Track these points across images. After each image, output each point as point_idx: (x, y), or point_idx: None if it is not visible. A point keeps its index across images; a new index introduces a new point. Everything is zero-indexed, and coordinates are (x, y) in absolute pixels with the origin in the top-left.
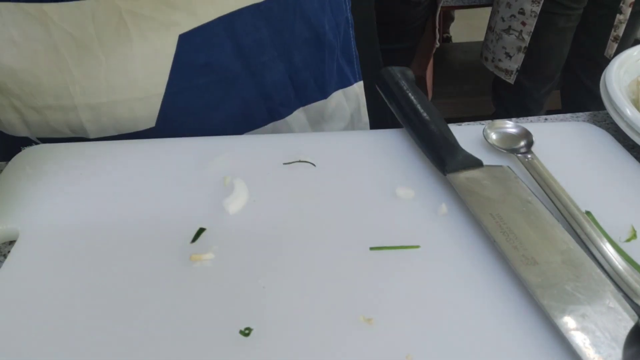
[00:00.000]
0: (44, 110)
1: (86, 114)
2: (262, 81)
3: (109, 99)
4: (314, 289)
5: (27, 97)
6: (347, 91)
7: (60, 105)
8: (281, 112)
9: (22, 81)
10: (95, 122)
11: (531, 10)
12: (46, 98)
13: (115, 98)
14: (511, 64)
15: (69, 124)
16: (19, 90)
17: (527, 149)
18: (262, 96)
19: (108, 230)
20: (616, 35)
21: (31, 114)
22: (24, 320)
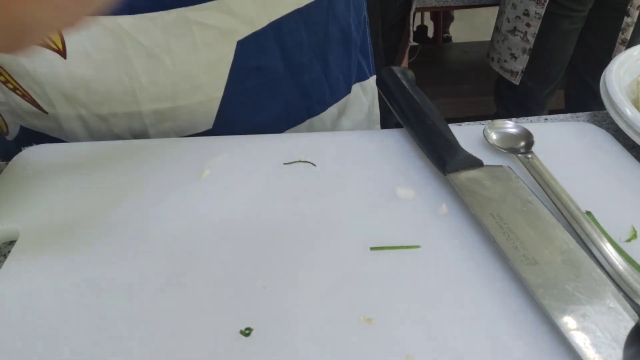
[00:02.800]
0: (110, 117)
1: (150, 119)
2: (301, 81)
3: (173, 104)
4: (314, 289)
5: (94, 105)
6: (364, 84)
7: (126, 112)
8: (317, 110)
9: (92, 91)
10: (158, 126)
11: (535, 12)
12: (113, 106)
13: (179, 103)
14: (516, 65)
15: (132, 130)
16: (88, 99)
17: (527, 149)
18: (301, 95)
19: (108, 230)
20: (624, 38)
21: (96, 122)
22: (24, 320)
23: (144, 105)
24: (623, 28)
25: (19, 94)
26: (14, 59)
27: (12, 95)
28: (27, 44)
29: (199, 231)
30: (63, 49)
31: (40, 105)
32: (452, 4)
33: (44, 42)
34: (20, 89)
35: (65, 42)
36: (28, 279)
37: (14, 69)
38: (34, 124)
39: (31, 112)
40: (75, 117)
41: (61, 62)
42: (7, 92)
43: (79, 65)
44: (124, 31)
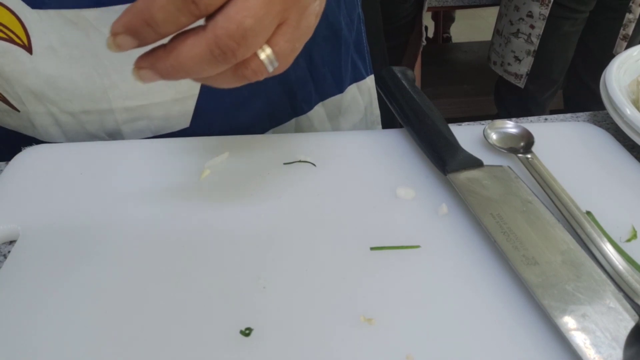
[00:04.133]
0: (80, 115)
1: (123, 116)
2: (285, 78)
3: (146, 101)
4: (314, 289)
5: (63, 102)
6: (361, 85)
7: (97, 110)
8: (303, 108)
9: (60, 87)
10: (132, 124)
11: (539, 13)
12: (83, 103)
13: (153, 100)
14: (521, 67)
15: (105, 128)
16: (56, 96)
17: (527, 149)
18: (285, 93)
19: (108, 230)
20: (625, 34)
21: (67, 119)
22: (24, 320)
23: (115, 102)
24: (625, 24)
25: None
26: None
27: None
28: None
29: (199, 231)
30: (28, 44)
31: (11, 103)
32: (452, 4)
33: (7, 37)
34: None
35: (30, 36)
36: (28, 279)
37: None
38: (8, 122)
39: (4, 110)
40: (46, 114)
41: (27, 58)
42: None
43: (46, 62)
44: (90, 24)
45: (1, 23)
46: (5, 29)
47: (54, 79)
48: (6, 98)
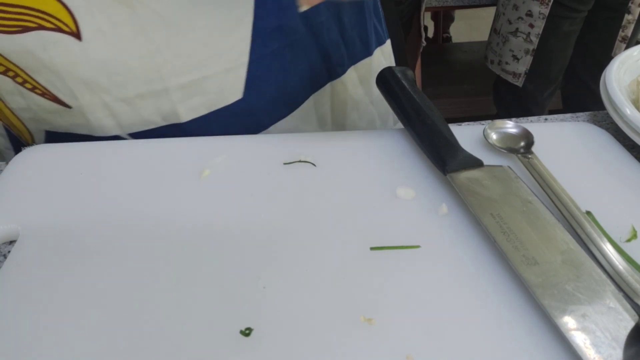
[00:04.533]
0: (135, 100)
1: (178, 95)
2: (321, 42)
3: (200, 75)
4: (314, 288)
5: (117, 89)
6: (383, 48)
7: (152, 91)
8: (337, 71)
9: (112, 72)
10: (187, 102)
11: (539, 12)
12: (137, 86)
13: (205, 73)
14: (519, 66)
15: (161, 111)
16: (109, 83)
17: (527, 149)
18: (322, 56)
19: (108, 230)
20: (624, 36)
21: (121, 107)
22: (24, 320)
23: (169, 80)
24: (624, 25)
25: (38, 92)
26: (28, 52)
27: (31, 96)
28: None
29: (199, 231)
30: (77, 30)
31: (62, 100)
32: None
33: (55, 26)
34: (40, 87)
35: (78, 22)
36: (28, 279)
37: (29, 64)
38: (60, 123)
39: (54, 111)
40: (100, 105)
41: (77, 46)
42: (26, 94)
43: (96, 46)
44: (137, 1)
45: (47, 12)
46: (52, 18)
47: (106, 63)
48: (57, 96)
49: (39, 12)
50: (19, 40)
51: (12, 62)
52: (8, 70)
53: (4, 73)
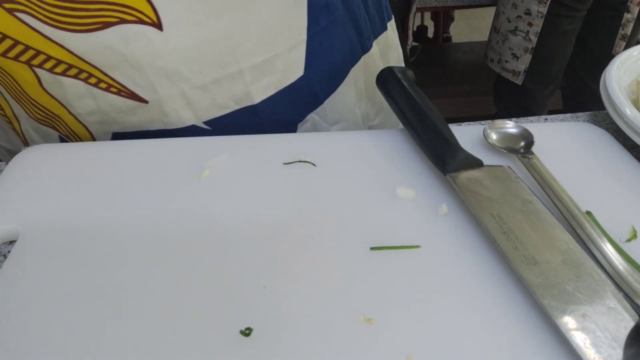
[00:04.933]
0: (211, 86)
1: (251, 76)
2: (354, 17)
3: (270, 54)
4: (314, 289)
5: (196, 77)
6: (392, 23)
7: (227, 75)
8: (367, 45)
9: (191, 59)
10: (259, 83)
11: (537, 11)
12: (213, 71)
13: (273, 52)
14: (518, 64)
15: (234, 94)
16: (189, 71)
17: (527, 149)
18: (356, 32)
19: (108, 230)
20: (624, 34)
21: (198, 95)
22: (24, 320)
23: (243, 62)
24: (623, 24)
25: (113, 91)
26: (108, 48)
27: (104, 96)
28: None
29: (199, 231)
30: (158, 20)
31: (139, 96)
32: (452, 4)
33: (136, 18)
34: (116, 84)
35: (158, 11)
36: (28, 279)
37: (108, 60)
38: (131, 122)
39: (128, 109)
40: (178, 96)
41: (158, 37)
42: (98, 95)
43: (176, 35)
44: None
45: (129, 5)
46: (133, 11)
47: (185, 51)
48: (134, 92)
49: (120, 6)
50: (99, 37)
51: (88, 62)
52: (81, 72)
53: (75, 76)
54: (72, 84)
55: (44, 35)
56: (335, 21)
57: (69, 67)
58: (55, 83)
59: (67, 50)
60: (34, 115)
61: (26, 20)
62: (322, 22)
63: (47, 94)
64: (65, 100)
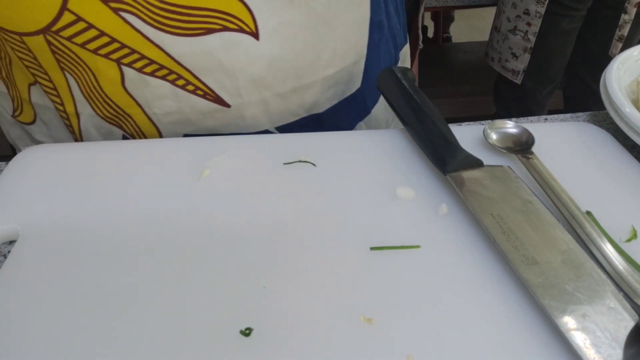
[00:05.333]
0: (289, 94)
1: (321, 87)
2: (392, 32)
3: (339, 67)
4: (314, 289)
5: (278, 85)
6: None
7: (304, 85)
8: (398, 57)
9: (278, 69)
10: (326, 93)
11: (536, 11)
12: (294, 81)
13: (342, 65)
14: (517, 64)
15: (305, 103)
16: (273, 79)
17: (527, 149)
18: (394, 44)
19: (108, 230)
20: (621, 35)
21: (276, 102)
22: (24, 321)
23: (318, 73)
24: (620, 25)
25: (199, 94)
26: (208, 53)
27: (189, 98)
28: None
29: (199, 231)
30: (256, 30)
31: (224, 100)
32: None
33: (237, 27)
34: (203, 87)
35: (257, 22)
36: (28, 279)
37: (203, 64)
38: (208, 124)
39: (209, 112)
40: (259, 102)
41: (254, 45)
42: (182, 97)
43: (270, 45)
44: (304, 1)
45: (232, 14)
46: (235, 20)
47: (275, 61)
48: (220, 96)
49: (224, 14)
50: (201, 42)
51: (182, 65)
52: (171, 73)
53: (164, 77)
54: (158, 85)
55: (145, 35)
56: (383, 37)
57: (160, 68)
58: (140, 82)
59: (164, 52)
60: (101, 113)
61: (129, 19)
62: (375, 38)
63: (125, 92)
64: (144, 99)
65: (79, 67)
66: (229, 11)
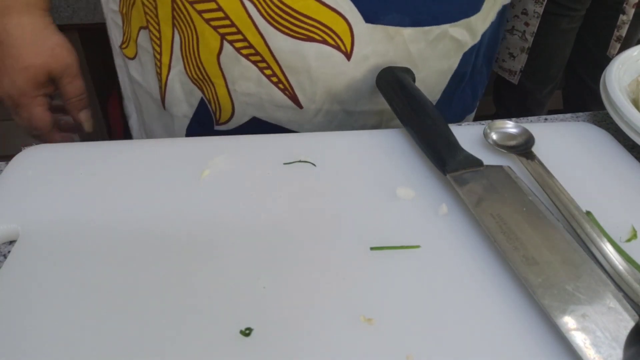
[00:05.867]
0: (357, 114)
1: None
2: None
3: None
4: (314, 289)
5: (350, 103)
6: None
7: (373, 110)
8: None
9: (353, 89)
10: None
11: (534, 11)
12: (364, 104)
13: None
14: (514, 64)
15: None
16: (348, 97)
17: (527, 149)
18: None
19: (108, 230)
20: (619, 35)
21: (343, 117)
22: (24, 320)
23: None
24: (618, 25)
25: (280, 87)
26: (301, 56)
27: (270, 88)
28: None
29: (199, 231)
30: (350, 52)
31: (299, 100)
32: None
33: (335, 44)
34: (286, 83)
35: (354, 45)
36: (28, 279)
37: (294, 65)
38: (276, 115)
39: (282, 106)
40: (328, 112)
41: (344, 64)
42: (264, 84)
43: (356, 68)
44: (403, 40)
45: (336, 32)
46: (336, 38)
47: (356, 82)
48: (297, 96)
49: (329, 30)
50: (299, 46)
51: (275, 58)
52: (263, 61)
53: (256, 62)
54: (247, 66)
55: (255, 23)
56: (460, 87)
57: (255, 54)
58: (233, 59)
59: (265, 42)
60: (190, 73)
61: (248, 6)
62: (452, 86)
63: (218, 63)
64: (231, 75)
65: (188, 29)
66: (335, 29)
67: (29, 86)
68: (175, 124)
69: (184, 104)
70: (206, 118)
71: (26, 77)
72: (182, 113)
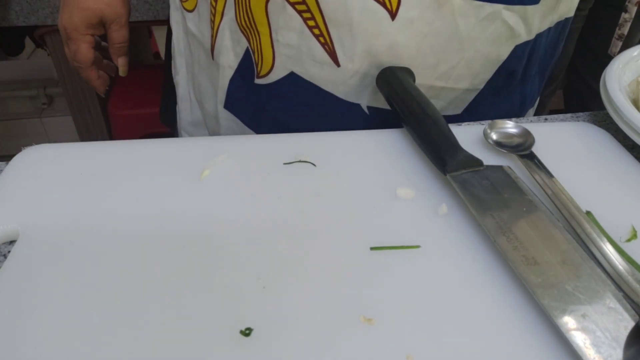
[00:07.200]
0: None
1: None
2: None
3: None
4: (314, 289)
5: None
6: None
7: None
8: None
9: (397, 56)
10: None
11: None
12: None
13: (451, 85)
14: None
15: None
16: (389, 62)
17: (527, 149)
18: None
19: (108, 230)
20: (621, 34)
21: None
22: (24, 320)
23: (427, 80)
24: (620, 23)
25: (321, 41)
26: (346, 9)
27: (310, 41)
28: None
29: (199, 231)
30: (396, 12)
31: (337, 58)
32: None
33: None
34: (327, 37)
35: (400, 6)
36: (28, 279)
37: (336, 17)
38: (313, 72)
39: (320, 61)
40: (364, 75)
41: (387, 23)
42: (306, 36)
43: (400, 30)
44: (451, 10)
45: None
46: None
47: (397, 46)
48: (336, 52)
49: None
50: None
51: (319, 7)
52: (308, 11)
53: (300, 12)
54: (292, 15)
55: None
56: (508, 87)
57: (301, 2)
58: (280, 7)
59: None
60: (239, 20)
61: None
62: (499, 82)
63: (265, 11)
64: (276, 24)
65: None
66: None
67: (82, 24)
68: (220, 75)
69: (231, 54)
70: (249, 70)
71: (82, 16)
72: (228, 63)
